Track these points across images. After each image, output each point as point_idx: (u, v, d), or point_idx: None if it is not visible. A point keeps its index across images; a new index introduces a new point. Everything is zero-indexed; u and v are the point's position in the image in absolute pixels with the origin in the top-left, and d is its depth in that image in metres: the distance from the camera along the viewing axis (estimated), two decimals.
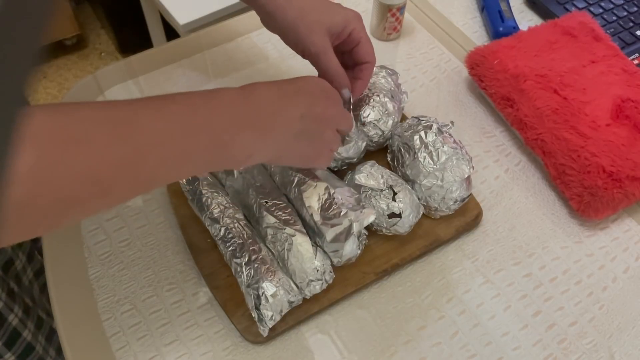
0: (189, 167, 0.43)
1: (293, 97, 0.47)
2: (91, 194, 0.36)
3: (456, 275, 0.60)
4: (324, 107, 0.48)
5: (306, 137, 0.47)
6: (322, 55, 0.54)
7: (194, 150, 0.41)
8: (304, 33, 0.53)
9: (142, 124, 0.38)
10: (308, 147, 0.49)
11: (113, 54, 2.05)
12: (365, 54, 0.57)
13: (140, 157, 0.37)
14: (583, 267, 0.61)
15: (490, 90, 0.71)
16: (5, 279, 0.66)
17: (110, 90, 0.76)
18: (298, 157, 0.50)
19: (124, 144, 0.36)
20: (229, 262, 0.56)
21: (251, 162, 0.45)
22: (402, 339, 0.56)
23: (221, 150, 0.42)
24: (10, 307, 0.65)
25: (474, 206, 0.63)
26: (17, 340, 0.66)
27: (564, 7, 0.84)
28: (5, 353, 0.65)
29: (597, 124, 0.65)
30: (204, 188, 0.59)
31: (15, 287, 0.67)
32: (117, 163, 0.36)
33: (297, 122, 0.46)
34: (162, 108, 0.40)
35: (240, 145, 0.43)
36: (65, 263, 0.61)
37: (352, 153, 0.62)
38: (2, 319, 0.63)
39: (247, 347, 0.55)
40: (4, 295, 0.63)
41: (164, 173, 0.40)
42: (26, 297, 0.68)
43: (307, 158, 0.50)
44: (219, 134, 0.42)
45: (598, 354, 0.56)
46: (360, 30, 0.56)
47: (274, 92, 0.46)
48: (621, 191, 0.61)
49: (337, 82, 0.55)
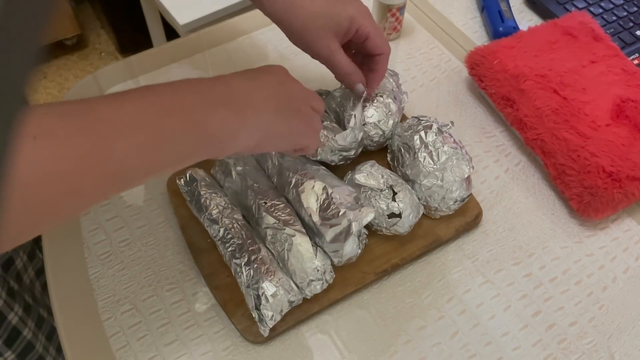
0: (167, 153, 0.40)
1: (260, 76, 0.47)
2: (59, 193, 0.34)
3: (456, 275, 0.60)
4: (292, 84, 0.49)
5: (287, 112, 0.47)
6: (332, 58, 0.55)
7: (167, 134, 0.39)
8: (311, 41, 0.55)
9: (102, 113, 0.36)
10: (293, 122, 0.48)
11: (113, 54, 2.06)
12: (376, 47, 0.57)
13: (105, 147, 0.35)
14: (583, 267, 0.61)
15: (490, 90, 0.71)
16: (6, 278, 0.66)
17: (110, 90, 0.76)
18: (286, 135, 0.48)
19: (84, 136, 0.35)
20: (229, 263, 0.56)
21: (238, 145, 0.44)
22: (402, 339, 0.56)
23: (197, 130, 0.41)
24: (11, 306, 0.65)
25: (474, 206, 0.63)
26: (17, 338, 0.66)
27: (564, 7, 0.84)
28: (5, 351, 0.65)
29: (597, 124, 0.65)
30: (202, 189, 0.59)
31: (15, 286, 0.67)
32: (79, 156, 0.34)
33: (273, 98, 0.46)
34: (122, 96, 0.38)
35: (217, 123, 0.41)
36: (65, 263, 0.61)
37: (349, 142, 0.61)
38: (2, 317, 0.63)
39: (247, 347, 0.55)
40: (4, 294, 0.64)
41: (136, 162, 0.38)
42: (27, 296, 0.68)
43: (294, 134, 0.49)
44: (189, 112, 0.40)
45: (598, 354, 0.56)
46: (367, 26, 0.56)
47: (241, 76, 0.46)
48: (621, 191, 0.61)
49: (350, 80, 0.56)
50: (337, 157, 0.63)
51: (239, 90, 0.44)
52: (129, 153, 0.37)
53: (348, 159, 0.63)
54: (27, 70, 0.13)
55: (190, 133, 0.40)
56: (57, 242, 0.62)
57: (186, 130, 0.40)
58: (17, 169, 0.31)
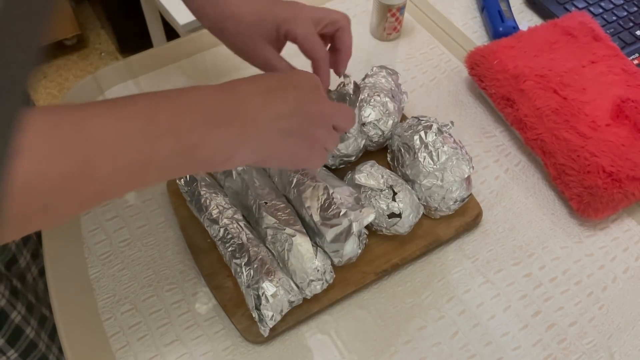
0: (153, 175, 0.39)
1: (279, 91, 0.43)
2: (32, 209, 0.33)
3: (456, 275, 0.60)
4: (315, 103, 0.45)
5: (295, 135, 0.43)
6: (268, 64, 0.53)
7: (157, 157, 0.37)
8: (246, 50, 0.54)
9: (92, 131, 0.34)
10: (297, 147, 0.45)
11: (113, 54, 2.06)
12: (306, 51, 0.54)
13: (87, 169, 0.34)
14: (583, 267, 0.61)
15: (490, 90, 0.71)
16: (9, 277, 0.66)
17: (110, 91, 0.76)
18: (287, 157, 0.46)
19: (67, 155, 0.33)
20: (229, 263, 0.56)
21: (231, 164, 0.42)
22: (402, 339, 0.56)
23: (190, 153, 0.39)
24: (13, 305, 0.65)
25: (474, 206, 0.63)
26: (20, 337, 0.66)
27: (564, 7, 0.84)
28: (8, 350, 0.66)
29: (597, 124, 0.65)
30: (202, 189, 0.59)
31: (18, 285, 0.67)
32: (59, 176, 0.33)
33: (284, 119, 0.42)
34: (118, 112, 0.36)
35: (213, 146, 0.39)
36: (65, 263, 0.61)
37: (351, 150, 0.62)
38: (5, 316, 0.63)
39: (247, 347, 0.55)
40: (7, 293, 0.64)
41: (118, 184, 0.37)
42: (30, 295, 0.68)
43: (297, 158, 0.46)
44: (185, 135, 0.38)
45: (598, 354, 0.56)
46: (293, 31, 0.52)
47: (257, 87, 0.43)
48: (621, 191, 0.61)
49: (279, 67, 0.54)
50: (338, 162, 0.63)
51: (247, 106, 0.41)
52: (112, 175, 0.35)
53: (348, 162, 0.64)
54: (28, 70, 0.13)
55: (181, 157, 0.38)
56: (57, 242, 0.62)
57: (178, 154, 0.38)
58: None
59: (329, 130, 0.47)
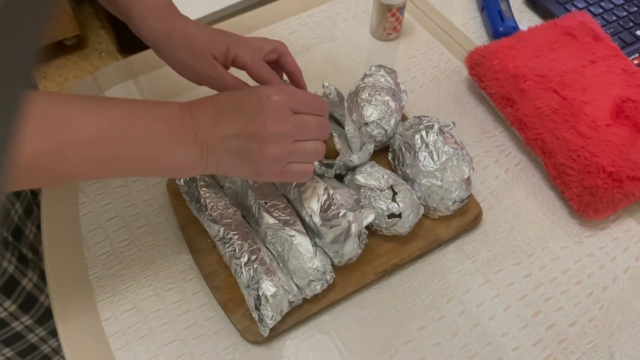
0: (117, 171, 0.45)
1: (231, 114, 0.46)
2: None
3: (456, 275, 0.60)
4: (262, 125, 0.45)
5: (241, 155, 0.46)
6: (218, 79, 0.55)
7: (123, 158, 0.43)
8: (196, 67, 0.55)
9: (74, 124, 0.40)
10: (245, 165, 0.47)
11: (113, 54, 2.05)
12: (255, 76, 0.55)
13: (60, 154, 0.40)
14: (583, 267, 0.61)
15: (490, 90, 0.71)
16: (17, 246, 0.67)
17: (110, 91, 0.76)
18: (239, 173, 0.50)
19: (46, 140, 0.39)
20: (229, 263, 0.56)
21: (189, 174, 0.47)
22: (402, 339, 0.56)
23: (152, 162, 0.45)
24: (24, 272, 0.66)
25: (474, 206, 0.63)
26: (35, 304, 0.69)
27: (564, 7, 0.84)
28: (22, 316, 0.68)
29: (597, 124, 0.65)
30: (202, 189, 0.59)
31: (29, 254, 0.69)
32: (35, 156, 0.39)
33: (231, 140, 0.45)
34: (101, 111, 0.42)
35: (171, 161, 0.45)
36: (65, 263, 0.61)
37: (364, 158, 0.61)
38: (15, 282, 0.64)
39: (247, 347, 0.55)
40: (14, 260, 0.65)
41: (85, 171, 0.43)
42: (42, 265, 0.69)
43: (247, 175, 0.50)
44: (150, 147, 0.44)
45: (598, 354, 0.56)
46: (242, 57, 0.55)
47: (211, 111, 0.46)
48: (621, 191, 0.61)
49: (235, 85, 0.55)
50: (344, 171, 0.62)
51: (201, 129, 0.45)
52: (81, 163, 0.41)
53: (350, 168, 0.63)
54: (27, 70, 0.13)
55: (144, 163, 0.45)
56: (57, 242, 0.62)
57: (142, 160, 0.44)
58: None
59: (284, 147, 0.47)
